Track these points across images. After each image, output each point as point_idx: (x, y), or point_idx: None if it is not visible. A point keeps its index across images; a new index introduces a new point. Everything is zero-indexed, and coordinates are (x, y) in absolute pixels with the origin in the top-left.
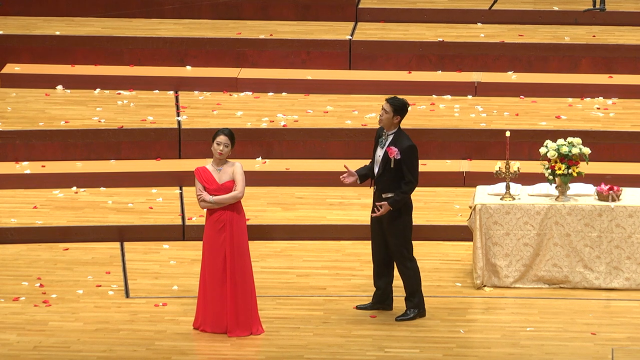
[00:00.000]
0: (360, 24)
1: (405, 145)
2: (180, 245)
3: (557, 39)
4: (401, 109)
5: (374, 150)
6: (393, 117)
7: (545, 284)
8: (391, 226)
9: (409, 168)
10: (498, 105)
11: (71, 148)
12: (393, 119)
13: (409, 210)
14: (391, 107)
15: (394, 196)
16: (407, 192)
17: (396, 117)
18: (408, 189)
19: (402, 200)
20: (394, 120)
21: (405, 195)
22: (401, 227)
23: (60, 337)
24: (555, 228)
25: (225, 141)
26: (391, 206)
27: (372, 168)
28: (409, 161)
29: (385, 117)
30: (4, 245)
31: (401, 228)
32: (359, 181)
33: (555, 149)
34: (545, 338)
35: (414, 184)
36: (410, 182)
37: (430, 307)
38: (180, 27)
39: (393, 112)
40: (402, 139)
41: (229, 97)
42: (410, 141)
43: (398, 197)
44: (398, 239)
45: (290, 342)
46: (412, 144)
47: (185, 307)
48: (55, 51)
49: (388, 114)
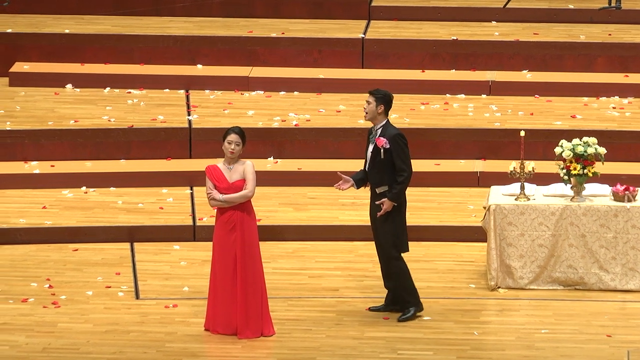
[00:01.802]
0: (373, 22)
1: (392, 134)
2: (190, 245)
3: (573, 37)
4: (383, 97)
5: (365, 148)
6: (377, 107)
7: (560, 286)
8: (382, 225)
9: (399, 155)
10: (512, 105)
11: (81, 147)
12: (377, 109)
13: (400, 209)
14: (374, 98)
15: (393, 190)
16: (403, 183)
17: (380, 106)
18: (403, 179)
19: (401, 192)
20: (378, 110)
21: (402, 187)
22: (391, 227)
23: (70, 338)
24: (571, 229)
25: (237, 140)
26: (392, 201)
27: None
28: (398, 149)
29: (369, 109)
30: (12, 245)
31: (391, 228)
32: (356, 186)
33: (570, 148)
34: (560, 340)
35: (408, 172)
36: (403, 170)
37: (444, 309)
38: (191, 25)
39: (376, 101)
40: (390, 129)
41: (240, 96)
42: (398, 130)
43: (396, 190)
44: (386, 238)
45: (302, 344)
46: (399, 132)
47: (196, 309)
48: (65, 49)
49: (371, 104)
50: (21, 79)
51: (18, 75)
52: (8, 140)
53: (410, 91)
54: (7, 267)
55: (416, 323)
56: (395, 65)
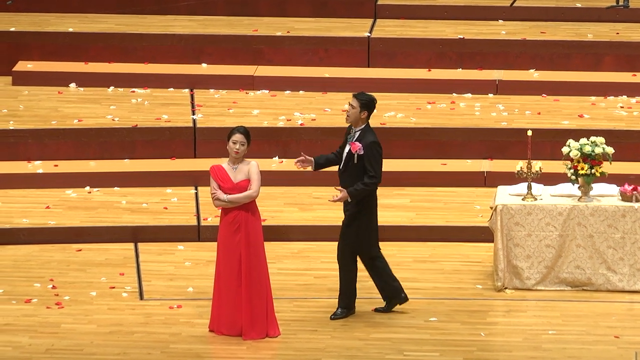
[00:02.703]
0: (379, 20)
1: (369, 141)
2: (195, 246)
3: (580, 36)
4: (368, 104)
5: (342, 147)
6: (360, 113)
7: (568, 286)
8: (346, 228)
9: (371, 164)
10: (519, 104)
11: (84, 147)
12: (360, 114)
13: (366, 214)
14: (358, 102)
15: (355, 186)
16: (368, 186)
17: (363, 112)
18: (371, 182)
19: (362, 193)
20: (361, 115)
21: (366, 189)
22: (354, 232)
23: (73, 339)
24: (578, 229)
25: (241, 139)
26: (349, 195)
27: (332, 160)
28: (371, 156)
29: (352, 113)
30: (16, 246)
31: (354, 232)
32: (313, 168)
33: (578, 148)
34: (567, 341)
35: (377, 179)
36: (374, 177)
37: (450, 310)
38: (195, 24)
39: (360, 107)
40: (368, 135)
41: (245, 95)
42: (375, 138)
43: (358, 188)
44: (347, 241)
45: (307, 345)
46: (376, 140)
47: (201, 310)
48: (68, 48)
49: (355, 109)
50: (24, 78)
51: (21, 74)
52: (11, 139)
53: (417, 90)
54: (10, 268)
55: (423, 324)
56: (402, 64)
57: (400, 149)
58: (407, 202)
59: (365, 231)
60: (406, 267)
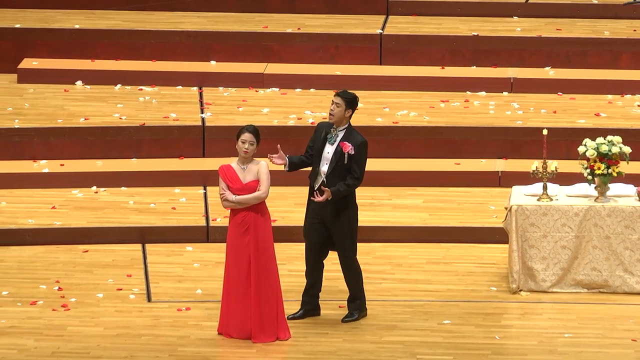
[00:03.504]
0: (392, 17)
1: (360, 141)
2: (204, 247)
3: (597, 33)
4: (352, 101)
5: (320, 148)
6: (345, 111)
7: (584, 289)
8: (335, 221)
9: (358, 164)
10: (535, 102)
11: (91, 146)
12: (345, 113)
13: (353, 206)
14: (343, 101)
15: (338, 187)
16: (351, 187)
17: (348, 110)
18: (353, 183)
19: (344, 194)
20: (345, 114)
21: (349, 190)
22: (347, 222)
23: (80, 342)
24: (595, 230)
25: (251, 139)
26: (332, 195)
27: (305, 161)
28: (360, 157)
29: (337, 111)
30: (21, 247)
31: (347, 223)
32: (287, 168)
33: (594, 147)
34: (583, 345)
35: (360, 181)
36: (358, 178)
37: (464, 313)
38: (204, 21)
39: (345, 105)
40: (355, 134)
41: (254, 93)
42: (363, 137)
43: (342, 189)
44: (344, 234)
45: (318, 348)
46: (365, 140)
47: (210, 312)
48: (75, 45)
49: (340, 107)
50: (30, 76)
51: (27, 71)
52: (16, 138)
53: (430, 88)
54: (15, 269)
55: (436, 327)
56: (414, 62)
57: (413, 148)
58: (420, 203)
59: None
60: (419, 269)
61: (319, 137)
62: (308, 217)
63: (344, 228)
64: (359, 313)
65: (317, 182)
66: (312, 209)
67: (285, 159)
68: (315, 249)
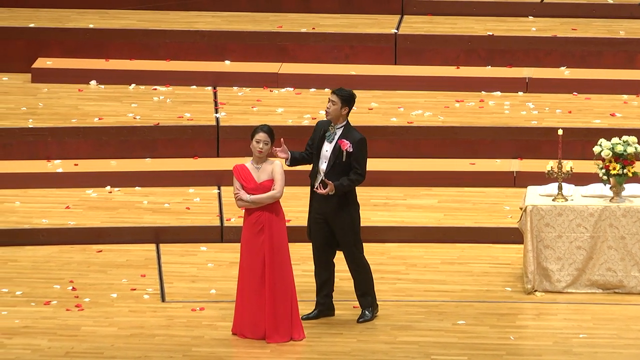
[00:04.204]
0: (407, 17)
1: (358, 138)
2: (218, 247)
3: (612, 33)
4: (348, 99)
5: (318, 146)
6: (341, 109)
7: (599, 289)
8: (337, 218)
9: (359, 161)
10: (550, 102)
11: (105, 146)
12: (341, 111)
13: (354, 203)
14: (339, 98)
15: (342, 181)
16: (354, 182)
17: (344, 108)
18: (356, 178)
19: (347, 188)
20: (342, 111)
21: (351, 185)
22: (348, 218)
23: (93, 342)
24: (610, 230)
25: (265, 138)
26: (336, 189)
27: (306, 158)
28: (360, 154)
29: (333, 109)
30: (35, 246)
31: (348, 219)
32: (289, 163)
33: (609, 148)
34: (598, 345)
35: (363, 178)
36: (361, 174)
37: (479, 313)
38: (219, 20)
39: (341, 103)
40: (353, 131)
41: (269, 93)
42: (361, 134)
43: (345, 183)
44: (346, 230)
45: (332, 349)
46: (363, 136)
47: (224, 312)
48: (89, 45)
49: (336, 105)
50: (44, 75)
51: (41, 71)
52: (30, 138)
53: (445, 88)
54: (29, 269)
55: (450, 327)
56: (429, 62)
57: (427, 148)
58: (434, 203)
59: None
60: (434, 269)
61: (317, 136)
62: (311, 218)
63: (346, 224)
64: (372, 311)
65: (316, 180)
66: (314, 208)
67: (288, 153)
68: (321, 248)
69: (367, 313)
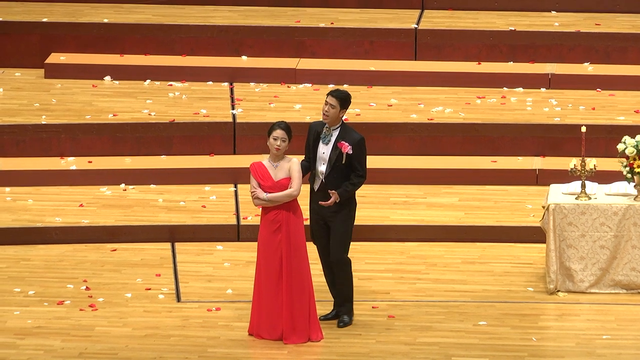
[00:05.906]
0: (427, 11)
1: (357, 139)
2: (234, 246)
3: (636, 28)
4: (345, 101)
5: (313, 148)
6: (340, 111)
7: (623, 289)
8: (334, 215)
9: (359, 162)
10: (573, 99)
11: (120, 143)
12: (340, 113)
13: (353, 206)
14: (337, 101)
15: (344, 187)
16: (356, 185)
17: (342, 110)
18: (358, 181)
19: (351, 192)
20: (340, 114)
21: (354, 188)
22: (347, 215)
23: (108, 343)
24: (634, 229)
25: (282, 136)
26: (340, 196)
27: (308, 168)
28: (360, 154)
29: (332, 113)
30: (48, 245)
31: (346, 217)
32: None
33: (634, 145)
34: (622, 347)
35: (364, 178)
36: (361, 176)
37: (501, 314)
38: (236, 15)
39: (339, 105)
40: (350, 132)
41: (287, 89)
42: (359, 134)
43: (348, 189)
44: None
45: (351, 350)
46: (362, 136)
47: (240, 312)
48: (103, 40)
49: (335, 108)
50: (57, 71)
51: (54, 66)
52: (44, 134)
53: (466, 84)
54: (42, 268)
55: (471, 328)
56: (450, 57)
57: (448, 146)
58: (455, 201)
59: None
60: (455, 269)
61: (312, 138)
62: (312, 220)
63: (340, 223)
64: (349, 317)
65: (316, 183)
66: (313, 210)
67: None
68: (326, 250)
69: (345, 318)
